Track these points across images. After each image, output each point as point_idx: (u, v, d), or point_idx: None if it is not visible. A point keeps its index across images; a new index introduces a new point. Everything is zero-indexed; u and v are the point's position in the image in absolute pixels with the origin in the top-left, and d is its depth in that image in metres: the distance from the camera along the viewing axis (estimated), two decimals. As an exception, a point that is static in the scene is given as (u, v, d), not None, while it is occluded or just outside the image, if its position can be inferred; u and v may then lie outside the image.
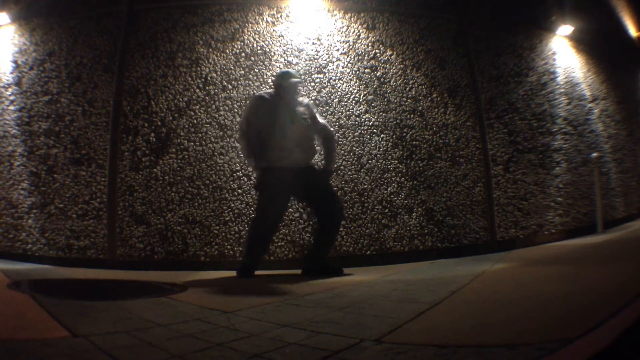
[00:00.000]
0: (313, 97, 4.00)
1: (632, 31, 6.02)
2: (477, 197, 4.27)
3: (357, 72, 4.14)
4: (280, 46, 4.06)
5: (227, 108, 3.94)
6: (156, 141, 3.90)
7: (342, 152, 3.99)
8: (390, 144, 4.10)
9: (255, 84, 3.97)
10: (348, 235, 3.87)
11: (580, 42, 5.61)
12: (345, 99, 4.08)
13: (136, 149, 3.89)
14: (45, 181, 4.03)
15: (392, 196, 4.02)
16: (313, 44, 4.12)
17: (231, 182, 3.84)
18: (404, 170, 4.09)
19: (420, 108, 4.24)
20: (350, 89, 4.10)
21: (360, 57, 4.18)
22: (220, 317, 1.88)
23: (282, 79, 3.35)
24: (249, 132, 3.24)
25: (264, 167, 3.20)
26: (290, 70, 3.69)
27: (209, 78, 3.98)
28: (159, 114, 3.93)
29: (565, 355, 1.16)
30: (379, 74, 4.19)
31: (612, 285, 2.04)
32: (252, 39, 4.06)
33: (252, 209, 3.80)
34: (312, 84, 4.03)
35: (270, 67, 4.00)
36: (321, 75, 4.06)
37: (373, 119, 4.10)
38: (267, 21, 4.11)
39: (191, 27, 4.05)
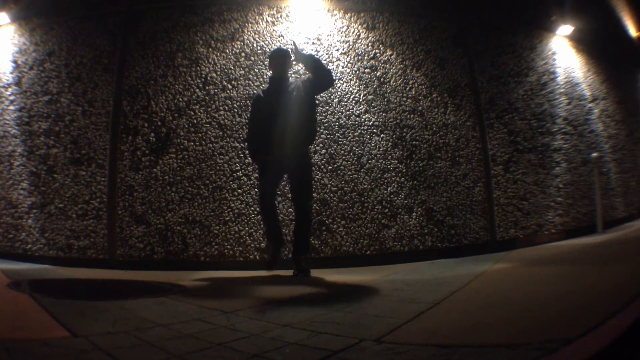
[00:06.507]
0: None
1: (632, 31, 6.02)
2: (477, 197, 4.27)
3: (357, 72, 4.14)
4: (280, 46, 4.06)
5: (227, 108, 3.94)
6: (156, 141, 3.90)
7: (342, 152, 3.99)
8: (390, 144, 4.10)
9: (255, 83, 3.97)
10: (348, 235, 3.87)
11: (580, 42, 5.61)
12: (345, 99, 4.07)
13: (136, 149, 3.89)
14: (45, 181, 4.03)
15: (392, 196, 4.02)
16: (313, 43, 4.11)
17: (231, 182, 3.84)
18: (404, 170, 4.09)
19: (420, 108, 4.24)
20: (350, 89, 4.10)
21: (360, 57, 4.18)
22: (220, 317, 1.88)
23: (270, 57, 3.50)
24: (251, 133, 3.43)
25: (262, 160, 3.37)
26: (280, 47, 3.82)
27: (209, 78, 3.98)
28: (158, 114, 3.93)
29: (565, 355, 1.16)
30: (379, 74, 4.19)
31: (612, 285, 2.04)
32: (252, 39, 4.06)
33: (252, 208, 3.80)
34: (312, 84, 4.03)
35: (270, 67, 4.00)
36: (321, 75, 4.06)
37: (373, 119, 4.10)
38: (267, 21, 4.11)
39: (191, 27, 4.05)
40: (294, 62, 3.53)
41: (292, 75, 3.78)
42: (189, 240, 3.77)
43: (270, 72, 3.52)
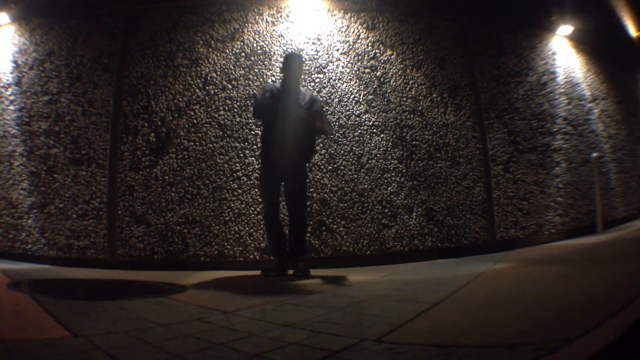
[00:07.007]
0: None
1: (632, 31, 6.02)
2: (477, 197, 4.27)
3: (357, 72, 4.14)
4: (280, 46, 4.06)
5: (227, 108, 3.94)
6: (156, 141, 3.90)
7: (342, 152, 3.99)
8: (390, 144, 4.10)
9: (255, 84, 3.97)
10: (348, 235, 3.87)
11: (580, 42, 5.61)
12: (345, 99, 4.07)
13: (136, 149, 3.89)
14: (45, 181, 4.03)
15: (392, 196, 4.02)
16: (313, 43, 4.11)
17: (231, 182, 3.84)
18: (404, 170, 4.09)
19: (420, 108, 4.24)
20: (350, 89, 4.10)
21: (360, 57, 4.18)
22: (220, 317, 1.88)
23: (284, 60, 3.47)
24: (256, 109, 3.40)
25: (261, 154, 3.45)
26: (294, 52, 3.86)
27: (209, 78, 3.98)
28: (159, 114, 3.93)
29: (565, 355, 1.16)
30: (379, 74, 4.19)
31: (612, 285, 2.04)
32: (252, 39, 4.06)
33: (252, 209, 3.80)
34: (312, 84, 4.03)
35: (270, 67, 4.00)
36: (321, 75, 4.06)
37: (373, 119, 4.10)
38: (267, 21, 4.11)
39: (191, 27, 4.05)
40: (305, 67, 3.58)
41: (310, 89, 3.86)
42: (189, 240, 3.77)
43: (282, 74, 3.51)
